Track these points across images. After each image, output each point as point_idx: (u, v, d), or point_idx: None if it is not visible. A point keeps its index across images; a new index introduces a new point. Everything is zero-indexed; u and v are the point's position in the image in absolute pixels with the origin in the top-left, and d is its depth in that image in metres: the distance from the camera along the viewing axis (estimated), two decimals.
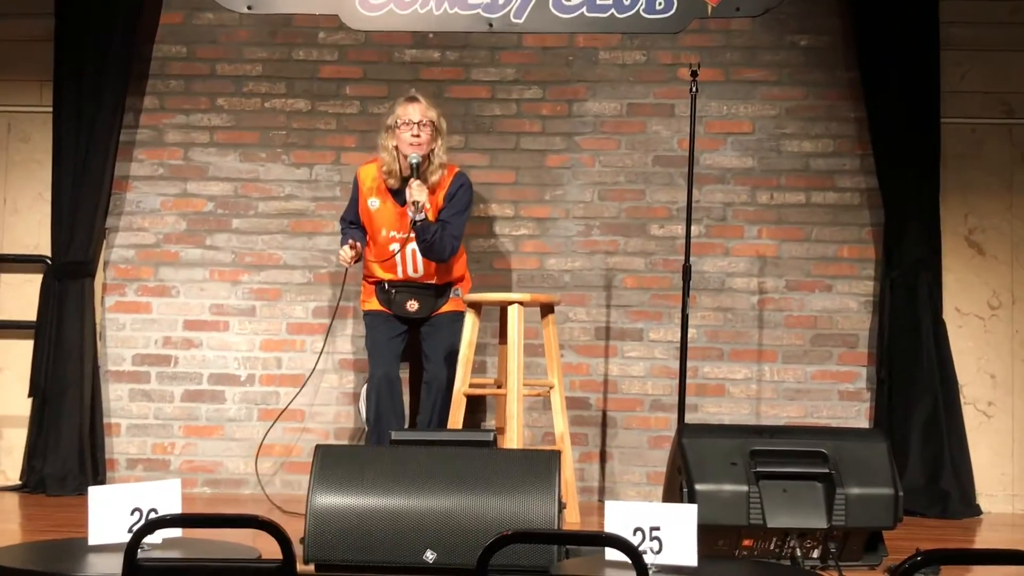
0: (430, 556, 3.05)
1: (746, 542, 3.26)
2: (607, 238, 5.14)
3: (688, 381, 4.54)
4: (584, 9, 5.07)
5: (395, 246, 4.56)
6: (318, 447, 3.23)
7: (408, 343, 4.69)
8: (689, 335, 4.52)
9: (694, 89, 4.30)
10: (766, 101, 5.13)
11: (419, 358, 4.68)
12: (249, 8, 5.15)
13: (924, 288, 4.88)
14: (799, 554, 3.24)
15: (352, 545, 3.08)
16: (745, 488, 3.22)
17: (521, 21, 5.10)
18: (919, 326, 4.85)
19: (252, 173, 5.20)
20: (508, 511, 3.06)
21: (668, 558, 2.74)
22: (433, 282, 4.63)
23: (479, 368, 4.88)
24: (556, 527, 3.08)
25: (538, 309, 4.55)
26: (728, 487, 3.23)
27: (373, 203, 4.64)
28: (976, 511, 4.81)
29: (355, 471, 3.15)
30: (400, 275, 4.61)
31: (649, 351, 5.09)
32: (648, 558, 2.68)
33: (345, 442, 4.99)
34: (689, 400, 4.69)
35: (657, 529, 2.75)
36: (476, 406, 4.94)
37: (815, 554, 3.27)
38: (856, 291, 5.07)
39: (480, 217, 5.15)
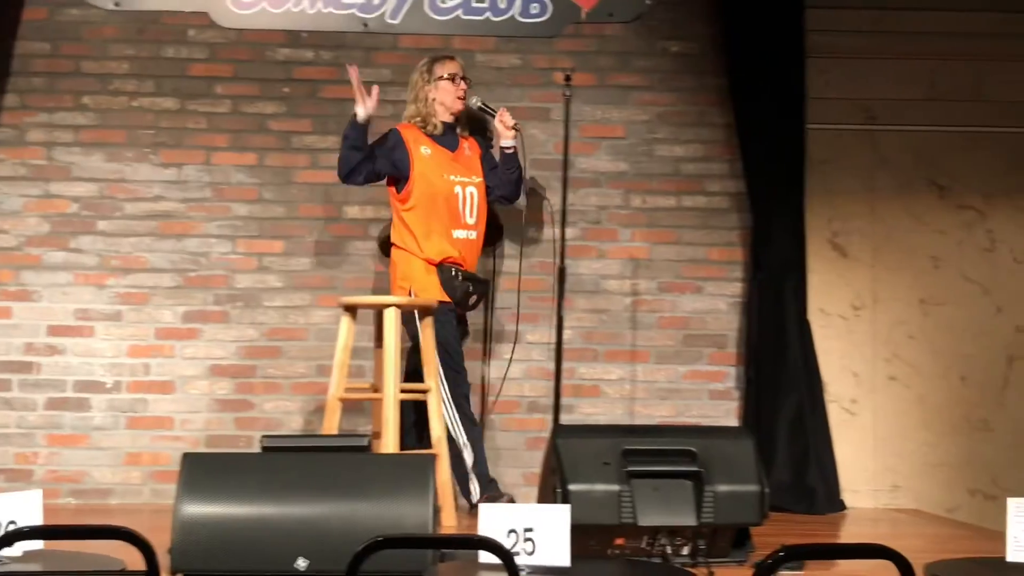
0: (302, 564, 3.01)
1: (618, 541, 3.29)
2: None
3: (564, 382, 4.58)
4: (460, 12, 5.08)
5: (458, 188, 4.53)
6: (185, 455, 3.16)
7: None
8: (565, 337, 4.56)
9: (568, 94, 4.34)
10: (639, 106, 5.20)
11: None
12: (116, 4, 5.02)
13: (790, 289, 5.01)
14: (669, 552, 3.29)
15: (221, 554, 3.02)
16: (617, 487, 3.25)
17: (397, 22, 5.09)
18: (785, 326, 4.98)
19: (118, 173, 5.05)
20: (382, 516, 3.04)
21: (541, 559, 2.75)
22: (479, 249, 4.63)
23: (356, 372, 4.83)
24: (431, 531, 3.07)
25: (416, 312, 4.53)
26: (600, 487, 3.26)
27: (425, 150, 4.56)
28: (840, 506, 4.96)
29: (224, 479, 3.09)
30: (462, 220, 4.53)
31: (526, 353, 5.12)
32: (521, 559, 2.70)
33: (217, 450, 4.89)
34: (565, 401, 4.74)
35: (531, 530, 2.76)
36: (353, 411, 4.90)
37: (685, 551, 3.32)
38: (725, 292, 5.18)
39: (356, 219, 5.11)
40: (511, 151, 4.60)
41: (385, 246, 4.82)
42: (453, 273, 4.52)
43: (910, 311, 5.22)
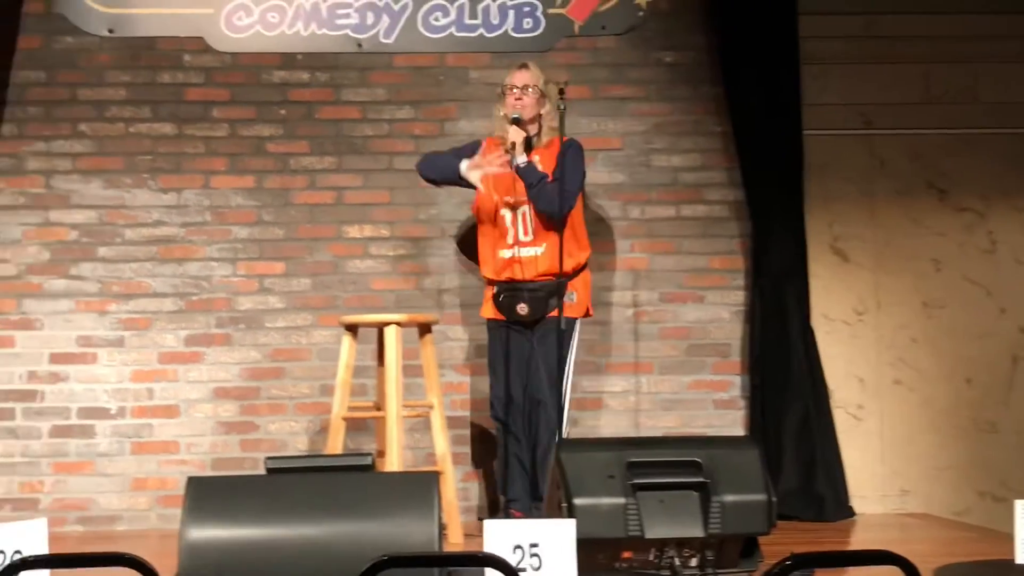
0: None
1: (625, 554, 3.27)
2: None
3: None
4: (453, 29, 5.09)
5: (505, 210, 4.51)
6: (190, 479, 3.15)
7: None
8: None
9: (562, 107, 4.35)
10: (634, 117, 5.21)
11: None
12: (110, 31, 5.03)
13: (792, 296, 5.01)
14: (678, 563, 3.27)
15: None
16: (623, 500, 3.24)
17: (390, 41, 5.10)
18: (788, 333, 4.98)
19: (117, 200, 5.06)
20: (387, 535, 3.03)
21: (548, 574, 2.74)
22: (544, 265, 4.47)
23: (359, 391, 4.83)
24: (436, 549, 3.06)
25: (416, 329, 4.53)
26: (606, 500, 3.24)
27: (522, 159, 4.53)
28: (850, 513, 4.94)
29: (229, 502, 3.08)
30: (511, 240, 4.49)
31: None
32: (528, 575, 2.69)
33: (222, 473, 4.88)
34: (569, 415, 4.72)
35: (536, 546, 2.76)
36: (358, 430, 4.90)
37: (693, 563, 3.31)
38: (727, 301, 5.17)
39: (355, 239, 5.12)
40: (519, 167, 4.46)
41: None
42: (496, 291, 4.56)
43: (913, 314, 5.21)
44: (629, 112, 5.21)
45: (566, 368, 4.44)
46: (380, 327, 4.36)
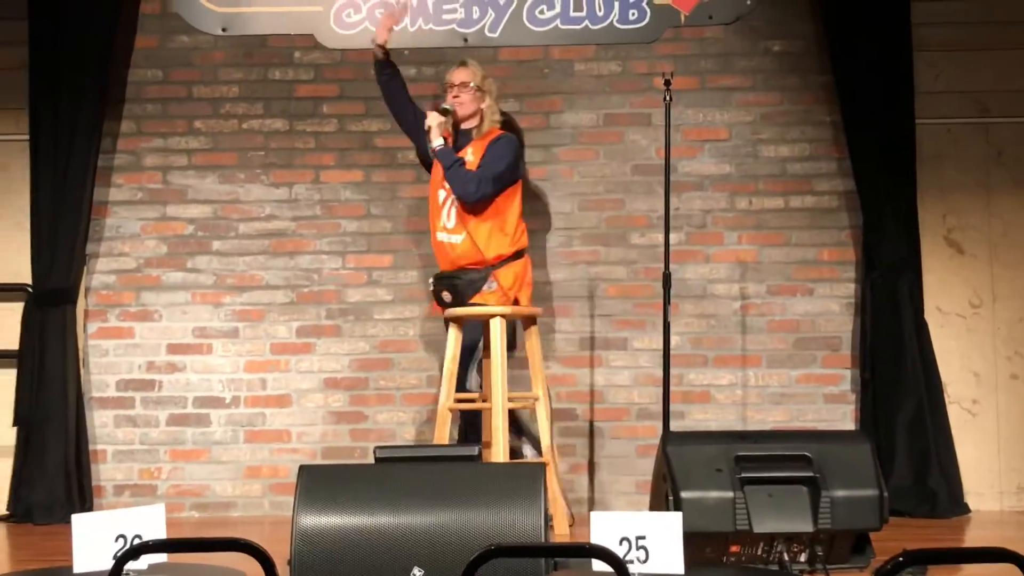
0: (418, 573, 3.04)
1: (733, 548, 3.26)
2: (588, 248, 5.15)
3: (673, 389, 4.54)
4: (558, 21, 5.08)
5: (442, 191, 4.59)
6: (302, 468, 3.22)
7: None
8: (673, 342, 4.53)
9: (668, 98, 4.32)
10: (742, 107, 5.15)
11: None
12: (224, 30, 5.15)
13: (905, 288, 4.90)
14: (787, 558, 3.24)
15: (338, 565, 3.07)
16: (731, 494, 3.22)
17: (496, 35, 5.11)
18: (901, 326, 4.87)
19: (232, 194, 5.20)
20: (494, 525, 3.06)
21: (655, 567, 2.73)
22: (465, 253, 4.53)
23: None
24: (543, 540, 3.07)
25: (521, 322, 4.55)
26: (713, 494, 3.23)
27: (438, 142, 4.63)
28: (964, 509, 4.83)
29: (340, 490, 3.14)
30: (440, 223, 4.59)
31: (634, 360, 5.10)
32: (635, 567, 2.68)
33: (333, 462, 4.97)
34: (675, 407, 4.70)
35: (643, 538, 2.75)
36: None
37: (803, 558, 3.28)
38: (837, 294, 5.08)
39: None
40: (435, 150, 4.54)
41: None
42: (430, 278, 4.64)
43: None
44: (736, 102, 5.15)
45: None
46: (486, 319, 4.39)
